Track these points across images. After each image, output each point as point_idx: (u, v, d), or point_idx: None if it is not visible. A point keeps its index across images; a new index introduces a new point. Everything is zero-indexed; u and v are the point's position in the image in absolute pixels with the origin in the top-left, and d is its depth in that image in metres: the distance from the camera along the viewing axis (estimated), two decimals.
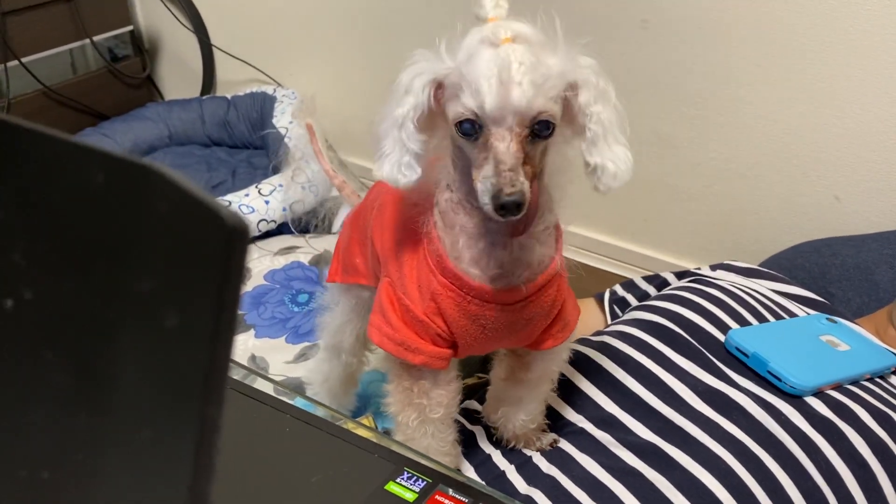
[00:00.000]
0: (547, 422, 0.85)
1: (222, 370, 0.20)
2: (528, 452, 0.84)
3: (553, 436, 0.85)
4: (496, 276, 0.67)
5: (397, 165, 0.62)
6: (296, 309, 1.38)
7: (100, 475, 0.22)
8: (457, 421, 0.87)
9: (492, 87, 0.56)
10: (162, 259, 0.20)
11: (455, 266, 0.68)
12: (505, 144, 0.58)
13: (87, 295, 0.22)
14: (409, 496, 0.54)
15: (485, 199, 0.59)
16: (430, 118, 0.63)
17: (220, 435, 0.20)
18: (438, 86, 0.61)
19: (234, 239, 0.19)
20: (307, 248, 1.53)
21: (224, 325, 0.19)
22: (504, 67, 0.56)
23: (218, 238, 0.19)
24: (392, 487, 0.55)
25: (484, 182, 0.59)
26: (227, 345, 0.20)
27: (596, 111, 0.61)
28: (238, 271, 0.19)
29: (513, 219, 0.60)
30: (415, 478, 0.56)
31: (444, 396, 0.75)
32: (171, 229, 0.20)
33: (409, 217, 0.71)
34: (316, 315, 1.08)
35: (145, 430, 0.21)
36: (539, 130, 0.59)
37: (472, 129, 0.59)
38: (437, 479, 0.55)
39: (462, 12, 0.61)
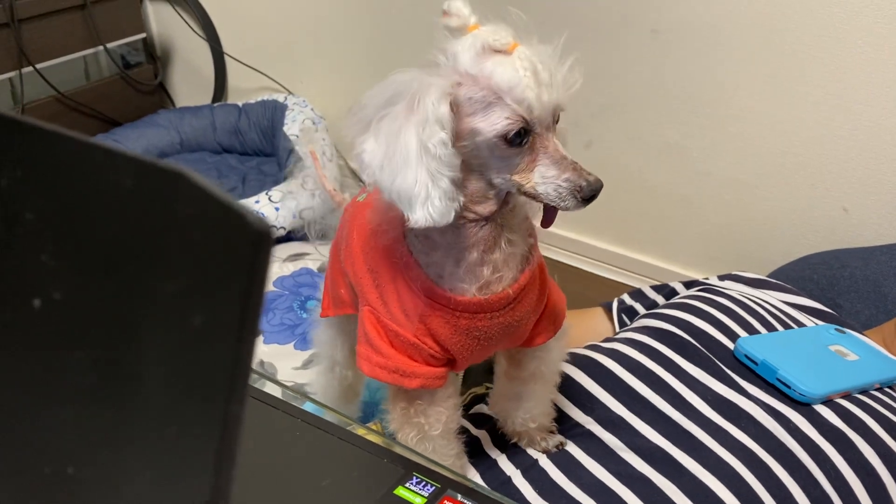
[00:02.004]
0: (554, 424, 0.86)
1: (246, 369, 0.20)
2: (534, 455, 0.84)
3: (560, 438, 0.85)
4: (487, 282, 0.67)
5: (444, 200, 0.58)
6: (304, 315, 1.39)
7: (124, 471, 0.23)
8: (462, 426, 0.88)
9: (533, 93, 0.57)
10: (188, 261, 0.21)
11: (441, 286, 0.67)
12: (552, 143, 0.60)
13: (115, 295, 0.22)
14: (418, 501, 0.55)
15: (562, 195, 0.60)
16: None
17: (242, 431, 0.21)
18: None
19: (259, 242, 0.19)
20: (316, 255, 1.54)
21: (248, 325, 0.20)
22: (533, 71, 0.57)
23: (243, 241, 0.19)
24: (401, 492, 0.55)
25: (549, 183, 0.60)
26: (251, 344, 0.20)
27: None
28: (262, 273, 0.20)
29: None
30: (423, 483, 0.56)
31: (442, 413, 0.75)
32: (198, 232, 0.20)
33: (381, 245, 0.69)
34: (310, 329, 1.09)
35: (169, 427, 0.22)
36: (556, 123, 0.61)
37: (520, 137, 0.59)
38: (445, 485, 0.56)
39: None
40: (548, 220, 0.67)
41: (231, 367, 0.20)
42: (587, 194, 0.59)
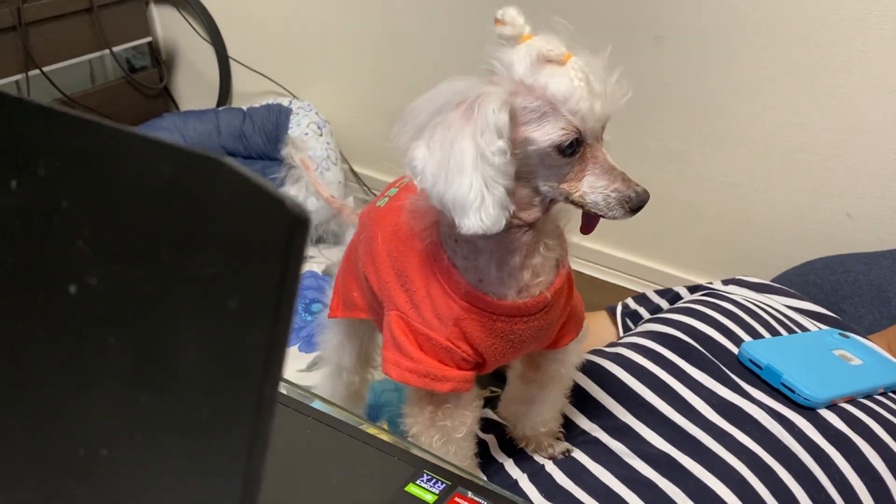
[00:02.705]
0: (562, 430, 0.86)
1: (281, 351, 0.21)
2: (540, 461, 0.85)
3: (566, 445, 0.85)
4: (528, 285, 0.68)
5: (497, 208, 0.58)
6: (308, 318, 1.40)
7: (157, 452, 0.23)
8: None
9: (587, 104, 0.58)
10: (225, 245, 0.21)
11: (480, 290, 0.68)
12: (601, 153, 0.61)
13: (151, 280, 0.23)
14: (429, 497, 0.55)
15: (611, 205, 0.61)
16: None
17: (275, 414, 0.21)
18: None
19: (295, 226, 0.20)
20: (320, 258, 1.55)
21: (284, 308, 0.20)
22: (586, 82, 0.58)
23: (281, 225, 0.20)
24: (412, 489, 0.55)
25: (598, 192, 0.61)
26: (287, 326, 0.21)
27: None
28: (298, 257, 0.20)
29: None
30: (434, 480, 0.56)
31: (467, 417, 0.75)
32: (236, 217, 0.21)
33: (415, 249, 0.70)
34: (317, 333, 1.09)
35: (203, 410, 0.22)
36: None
37: (571, 147, 0.60)
38: (456, 482, 0.56)
39: (471, 29, 0.61)
40: (589, 227, 0.67)
41: (266, 350, 0.20)
42: (636, 205, 0.61)
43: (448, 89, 0.60)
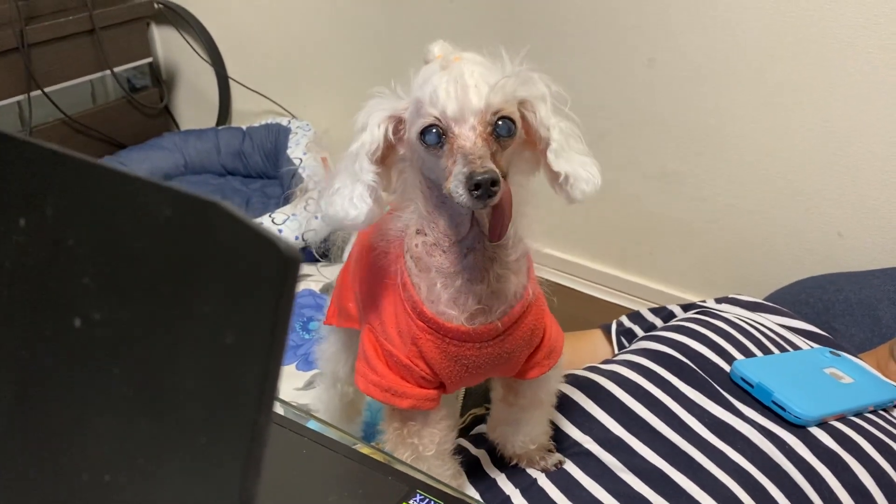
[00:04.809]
0: (553, 443, 0.87)
1: (273, 383, 0.22)
2: (533, 474, 0.85)
3: (559, 457, 0.86)
4: (475, 312, 0.68)
5: (348, 198, 0.64)
6: (306, 336, 1.41)
7: (157, 477, 0.25)
8: (462, 446, 0.89)
9: (450, 93, 0.59)
10: (222, 284, 0.23)
11: (431, 310, 0.69)
12: (470, 142, 0.59)
13: (152, 316, 0.24)
14: None
15: (459, 191, 0.58)
16: (391, 158, 0.66)
17: (268, 440, 0.23)
18: (399, 122, 0.64)
19: (287, 266, 0.21)
20: (318, 277, 1.56)
21: (276, 343, 0.22)
22: (458, 76, 0.60)
23: (273, 266, 0.21)
24: None
25: (456, 178, 0.58)
26: (279, 359, 0.22)
27: (556, 122, 0.64)
28: (290, 295, 0.22)
29: (490, 202, 0.58)
30: (427, 500, 0.57)
31: (435, 435, 0.76)
32: (232, 258, 0.22)
33: (381, 266, 0.72)
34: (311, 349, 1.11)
35: (201, 437, 0.23)
36: (501, 129, 0.61)
37: (436, 137, 0.60)
38: (448, 502, 0.57)
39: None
40: (492, 231, 0.65)
41: (260, 382, 0.22)
42: (471, 185, 0.57)
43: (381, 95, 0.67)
